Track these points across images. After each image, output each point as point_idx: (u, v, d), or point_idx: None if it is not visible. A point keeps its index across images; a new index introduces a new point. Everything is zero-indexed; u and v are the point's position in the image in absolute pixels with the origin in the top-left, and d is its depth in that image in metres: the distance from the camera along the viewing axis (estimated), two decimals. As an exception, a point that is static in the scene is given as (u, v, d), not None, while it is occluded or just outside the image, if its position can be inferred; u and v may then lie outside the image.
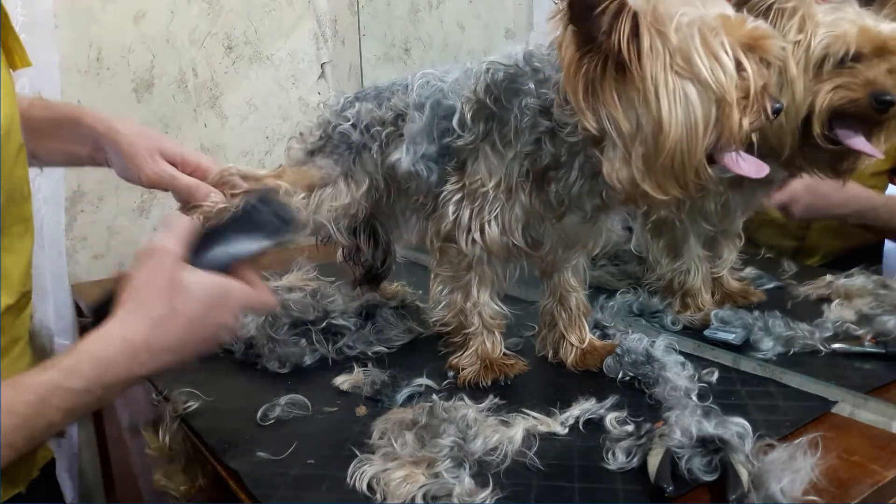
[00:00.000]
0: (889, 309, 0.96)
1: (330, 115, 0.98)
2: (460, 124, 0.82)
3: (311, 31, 1.72)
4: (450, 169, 0.84)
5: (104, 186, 1.46)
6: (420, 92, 0.88)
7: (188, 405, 0.82)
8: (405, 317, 1.03)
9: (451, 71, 0.88)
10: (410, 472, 0.63)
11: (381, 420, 0.73)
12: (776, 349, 0.89)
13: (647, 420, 0.71)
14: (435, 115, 0.85)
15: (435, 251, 0.88)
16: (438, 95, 0.86)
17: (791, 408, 0.77)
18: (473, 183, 0.82)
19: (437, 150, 0.85)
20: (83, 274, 1.45)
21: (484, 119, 0.81)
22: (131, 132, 0.86)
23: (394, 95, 0.92)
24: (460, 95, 0.83)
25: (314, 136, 0.98)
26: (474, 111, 0.81)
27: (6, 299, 0.69)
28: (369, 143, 0.93)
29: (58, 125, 0.86)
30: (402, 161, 0.86)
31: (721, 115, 0.67)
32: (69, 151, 0.90)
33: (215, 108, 1.60)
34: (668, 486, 0.61)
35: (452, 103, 0.84)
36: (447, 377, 0.86)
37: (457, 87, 0.85)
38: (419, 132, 0.86)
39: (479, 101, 0.81)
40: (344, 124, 0.95)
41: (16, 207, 0.69)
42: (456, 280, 0.87)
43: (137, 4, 1.45)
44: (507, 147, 0.79)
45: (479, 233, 0.82)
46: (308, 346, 0.94)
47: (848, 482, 0.64)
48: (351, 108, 0.96)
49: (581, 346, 0.90)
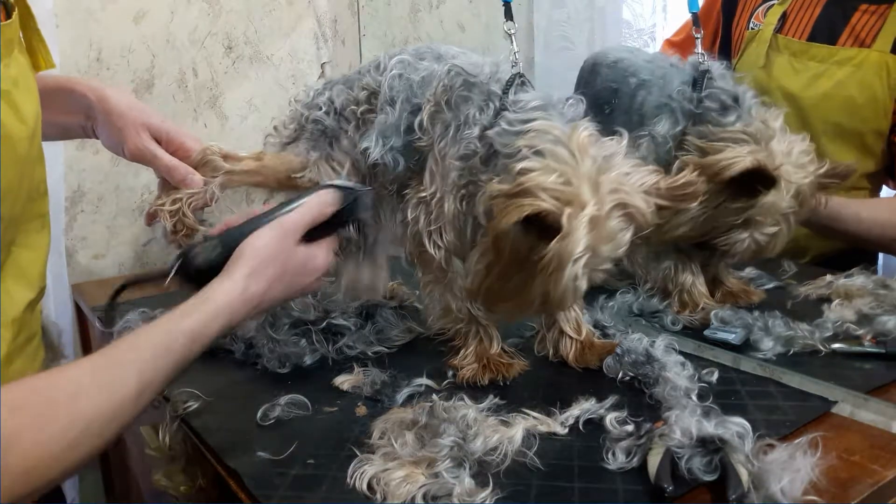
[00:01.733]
0: (889, 309, 0.96)
1: (301, 108, 0.99)
2: (420, 126, 0.85)
3: (312, 31, 1.72)
4: (412, 166, 0.87)
5: (104, 186, 1.46)
6: (392, 84, 0.89)
7: (188, 405, 0.82)
8: (405, 317, 1.03)
9: (425, 58, 0.90)
10: (410, 472, 0.64)
11: (381, 420, 0.73)
12: (776, 349, 0.89)
13: (647, 420, 0.71)
14: (403, 111, 0.87)
15: (415, 260, 0.90)
16: (408, 91, 0.88)
17: (791, 408, 0.77)
18: (420, 191, 0.85)
19: (402, 144, 0.88)
20: (83, 274, 1.45)
21: (440, 122, 0.83)
22: (121, 103, 0.88)
23: (366, 75, 0.94)
24: (424, 96, 0.85)
25: (288, 130, 1.00)
26: (431, 113, 0.84)
27: (27, 294, 0.70)
28: (344, 126, 0.95)
29: (50, 95, 0.85)
30: (372, 151, 0.88)
31: None
32: (60, 123, 0.90)
33: (215, 108, 1.59)
34: (668, 486, 0.61)
35: (419, 102, 0.86)
36: (447, 377, 0.86)
37: (423, 87, 0.87)
38: (390, 126, 0.88)
39: (437, 104, 0.83)
40: (316, 112, 0.96)
41: (34, 204, 0.71)
42: (438, 282, 0.89)
43: (137, 4, 1.45)
44: (444, 158, 0.82)
45: (439, 237, 0.85)
46: (308, 346, 0.94)
47: (848, 482, 0.64)
48: (321, 97, 0.97)
49: (579, 339, 0.90)
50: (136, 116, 0.88)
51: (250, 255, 0.69)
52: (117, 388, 0.56)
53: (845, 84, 1.20)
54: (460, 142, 0.81)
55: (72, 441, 0.52)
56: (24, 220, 0.70)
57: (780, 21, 1.28)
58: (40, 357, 0.76)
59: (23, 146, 0.66)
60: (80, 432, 0.53)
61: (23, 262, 0.70)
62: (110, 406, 0.55)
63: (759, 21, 1.31)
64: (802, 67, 1.25)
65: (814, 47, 1.24)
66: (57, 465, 0.52)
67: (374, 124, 0.90)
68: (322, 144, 0.96)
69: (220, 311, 0.65)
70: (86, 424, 0.53)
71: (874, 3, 1.21)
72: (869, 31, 1.20)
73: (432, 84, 0.85)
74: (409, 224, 0.87)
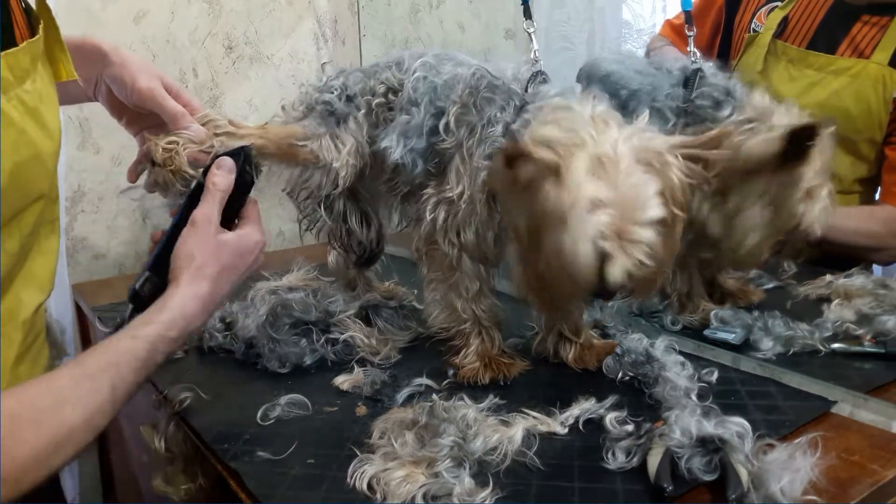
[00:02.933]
0: (889, 309, 0.96)
1: (313, 90, 0.99)
2: (445, 128, 0.84)
3: (312, 32, 1.72)
4: (431, 169, 0.87)
5: (104, 186, 1.46)
6: (416, 85, 0.89)
7: (188, 405, 0.82)
8: (406, 317, 1.03)
9: (445, 62, 0.90)
10: (410, 472, 0.64)
11: (381, 420, 0.73)
12: (776, 349, 0.89)
13: (646, 420, 0.71)
14: (427, 113, 0.86)
15: (422, 256, 0.90)
16: (432, 94, 0.87)
17: (791, 408, 0.77)
18: (444, 191, 0.84)
19: (424, 146, 0.87)
20: (83, 274, 1.45)
21: (465, 125, 0.83)
22: (136, 57, 0.89)
23: (385, 70, 0.94)
24: (448, 99, 0.85)
25: (297, 111, 0.99)
26: (457, 115, 0.83)
27: (38, 297, 0.72)
28: (354, 112, 0.94)
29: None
30: (393, 151, 0.88)
31: None
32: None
33: (216, 108, 1.59)
34: (668, 486, 0.61)
35: (443, 105, 0.85)
36: (447, 376, 0.86)
37: (447, 90, 0.86)
38: (413, 127, 0.87)
39: (464, 106, 0.83)
40: (328, 94, 0.95)
41: (47, 209, 0.71)
42: (445, 281, 0.88)
43: (138, 4, 1.45)
44: (471, 158, 0.82)
45: (455, 236, 0.84)
46: (308, 346, 0.94)
47: (847, 482, 0.64)
48: (335, 81, 0.97)
49: (579, 341, 0.90)
50: (150, 67, 0.89)
51: (185, 263, 0.71)
52: (95, 396, 0.60)
53: (841, 94, 1.20)
54: (485, 141, 0.80)
55: (57, 446, 0.56)
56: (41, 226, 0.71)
57: (780, 25, 1.27)
58: (45, 355, 0.76)
59: (52, 162, 0.68)
60: (64, 438, 0.57)
61: (35, 267, 0.71)
62: (89, 413, 0.59)
63: (761, 22, 1.30)
64: (799, 75, 1.24)
65: (811, 55, 1.23)
66: (44, 470, 0.56)
67: (394, 124, 0.89)
68: (329, 123, 0.95)
69: (175, 318, 0.68)
70: (69, 431, 0.57)
71: (876, 14, 1.20)
72: (868, 43, 1.19)
73: (457, 87, 0.85)
74: (424, 223, 0.87)
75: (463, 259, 0.86)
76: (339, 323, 0.98)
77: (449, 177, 0.84)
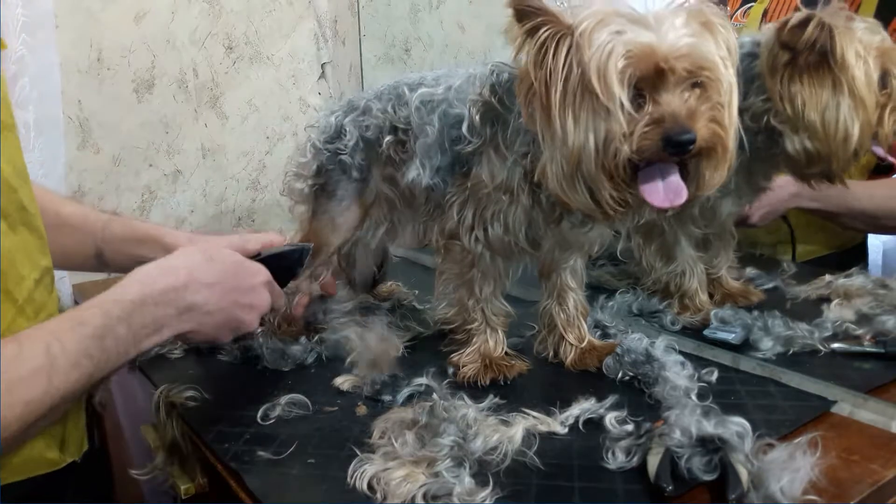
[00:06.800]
0: (888, 309, 0.96)
1: (321, 143, 0.99)
2: (469, 129, 0.82)
3: (312, 32, 1.72)
4: (458, 176, 0.85)
5: (104, 186, 1.47)
6: (420, 113, 0.88)
7: (188, 404, 0.83)
8: (406, 317, 1.03)
9: (441, 80, 0.89)
10: (410, 472, 0.64)
11: (381, 420, 0.74)
12: (776, 349, 0.89)
13: (646, 419, 0.71)
14: (444, 126, 0.85)
15: (440, 249, 0.89)
16: (444, 106, 0.86)
17: (790, 407, 0.77)
18: (477, 185, 0.82)
19: (449, 160, 0.86)
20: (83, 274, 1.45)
21: (490, 122, 0.81)
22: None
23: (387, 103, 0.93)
24: (466, 101, 0.83)
25: (310, 171, 1.00)
26: (482, 113, 0.82)
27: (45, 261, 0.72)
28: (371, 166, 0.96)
29: (139, 242, 0.90)
30: (421, 178, 0.87)
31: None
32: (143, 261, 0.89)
33: (216, 108, 1.60)
34: (668, 486, 0.61)
35: (460, 111, 0.84)
36: (447, 376, 0.86)
37: (461, 95, 0.85)
38: (431, 145, 0.86)
39: (487, 103, 0.81)
40: (342, 155, 0.96)
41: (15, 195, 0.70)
42: (460, 277, 0.88)
43: (138, 5, 1.45)
44: (509, 149, 0.80)
45: (482, 231, 0.83)
46: (308, 346, 0.94)
47: (847, 482, 0.64)
48: (342, 138, 0.97)
49: (580, 346, 0.90)
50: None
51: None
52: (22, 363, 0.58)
53: None
54: (520, 131, 0.79)
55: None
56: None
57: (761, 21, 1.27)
58: None
59: None
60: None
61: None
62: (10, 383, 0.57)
63: (740, 22, 1.31)
64: None
65: None
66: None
67: (413, 152, 0.89)
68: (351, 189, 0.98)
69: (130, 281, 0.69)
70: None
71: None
72: None
73: (473, 87, 0.83)
74: (448, 219, 0.86)
75: (483, 257, 0.85)
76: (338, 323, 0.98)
77: (479, 172, 0.83)
